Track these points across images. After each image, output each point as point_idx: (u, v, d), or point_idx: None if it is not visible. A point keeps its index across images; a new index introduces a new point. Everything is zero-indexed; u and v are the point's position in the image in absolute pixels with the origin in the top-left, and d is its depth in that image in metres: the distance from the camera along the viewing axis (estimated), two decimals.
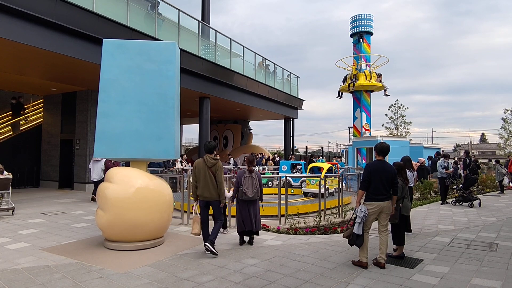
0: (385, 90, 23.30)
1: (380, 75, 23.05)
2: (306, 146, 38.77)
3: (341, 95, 24.47)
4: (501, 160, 18.88)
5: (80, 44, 9.25)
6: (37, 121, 16.33)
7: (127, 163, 6.86)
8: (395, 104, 36.17)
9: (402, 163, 6.00)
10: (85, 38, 9.28)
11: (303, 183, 11.80)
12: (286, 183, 8.72)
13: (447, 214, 9.20)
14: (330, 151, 52.81)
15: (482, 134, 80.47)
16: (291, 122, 22.85)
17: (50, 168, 15.30)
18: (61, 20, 8.59)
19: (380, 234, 5.05)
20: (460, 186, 10.97)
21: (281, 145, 25.52)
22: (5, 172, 8.80)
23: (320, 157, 30.29)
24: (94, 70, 8.67)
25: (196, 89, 13.37)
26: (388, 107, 36.51)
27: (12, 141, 15.07)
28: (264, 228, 7.11)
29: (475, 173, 13.42)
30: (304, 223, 7.42)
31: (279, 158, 20.57)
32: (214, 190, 5.54)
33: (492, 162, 19.87)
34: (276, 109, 20.02)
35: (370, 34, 23.86)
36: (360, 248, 4.93)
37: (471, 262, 5.14)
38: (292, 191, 11.81)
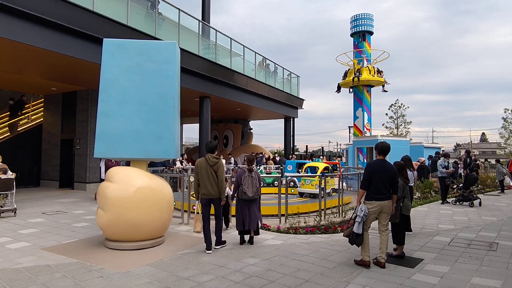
0: (383, 86, 23.29)
1: (381, 72, 23.04)
2: (307, 146, 38.85)
3: (340, 90, 24.38)
4: (502, 160, 18.89)
5: (80, 44, 9.25)
6: (38, 121, 16.36)
7: (127, 163, 6.87)
8: (396, 104, 36.14)
9: (403, 163, 6.00)
10: (85, 38, 9.29)
11: (299, 183, 11.76)
12: (287, 183, 8.73)
13: (448, 214, 9.20)
14: (331, 151, 52.86)
15: (483, 134, 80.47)
16: (292, 122, 22.85)
17: (51, 168, 15.32)
18: (61, 20, 8.59)
19: (380, 234, 5.06)
20: (461, 186, 10.97)
21: (282, 145, 25.51)
22: (9, 172, 8.69)
23: (321, 156, 30.30)
24: (94, 70, 8.67)
25: (197, 89, 13.37)
26: (389, 107, 36.49)
27: (13, 141, 15.08)
28: (264, 228, 7.12)
29: (476, 172, 13.41)
30: (304, 223, 7.42)
31: (280, 158, 20.56)
32: (216, 188, 5.69)
33: (488, 162, 19.90)
34: (277, 109, 20.02)
35: (371, 34, 23.85)
36: (362, 247, 4.94)
37: (471, 262, 5.14)
38: (293, 191, 11.80)
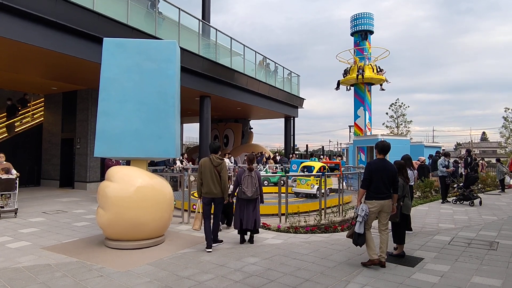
0: (381, 85, 23.24)
1: (382, 70, 22.99)
2: (307, 145, 38.84)
3: (339, 87, 24.18)
4: (502, 159, 18.84)
5: (81, 43, 9.25)
6: (38, 120, 16.36)
7: (128, 162, 6.87)
8: (396, 103, 36.15)
9: (403, 162, 5.99)
10: (86, 37, 9.28)
11: (294, 183, 11.71)
12: (287, 182, 8.73)
13: (448, 213, 9.20)
14: (331, 150, 52.85)
15: (483, 133, 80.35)
16: (292, 121, 22.84)
17: (51, 167, 15.32)
18: (62, 19, 8.59)
19: (381, 233, 5.05)
20: (461, 185, 10.97)
21: (282, 144, 25.47)
22: (14, 171, 8.49)
23: (321, 156, 30.28)
24: (95, 69, 8.67)
25: (197, 88, 13.37)
26: (389, 106, 36.50)
27: (13, 140, 15.07)
28: (265, 227, 7.12)
29: (476, 172, 13.40)
30: (305, 222, 7.42)
31: (280, 157, 20.55)
32: (219, 188, 5.83)
33: (484, 161, 19.94)
34: (277, 108, 20.01)
35: (371, 33, 23.82)
36: (367, 246, 4.89)
37: (472, 261, 5.14)
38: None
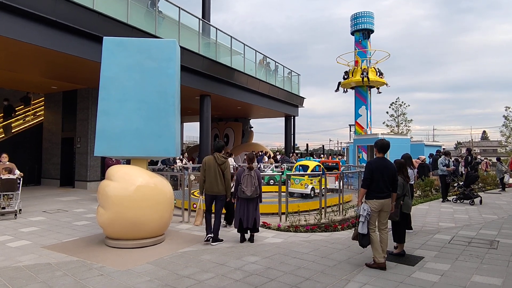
0: (378, 88, 23.10)
1: (382, 74, 22.89)
2: (307, 144, 38.88)
3: (339, 89, 23.94)
4: (502, 158, 18.83)
5: (81, 42, 9.25)
6: (38, 119, 16.37)
7: (128, 161, 6.88)
8: (396, 102, 36.07)
9: (403, 161, 5.98)
10: (86, 36, 9.28)
11: (288, 182, 11.65)
12: (287, 182, 8.73)
13: (448, 212, 9.19)
14: (331, 149, 52.84)
15: (484, 132, 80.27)
16: (292, 120, 22.84)
17: (51, 166, 15.33)
18: (62, 18, 8.58)
19: (380, 232, 5.04)
20: (461, 184, 10.97)
21: (282, 143, 25.45)
22: (17, 172, 8.40)
23: (322, 155, 30.23)
24: (95, 68, 8.67)
25: (197, 87, 13.37)
26: (389, 105, 36.41)
27: (14, 140, 15.09)
28: (265, 226, 7.13)
29: (476, 171, 13.42)
30: (305, 221, 7.42)
31: (281, 156, 20.54)
32: (222, 186, 6.00)
33: (488, 160, 19.98)
34: (277, 107, 20.01)
35: (371, 32, 23.79)
36: (373, 248, 4.78)
37: (472, 260, 5.14)
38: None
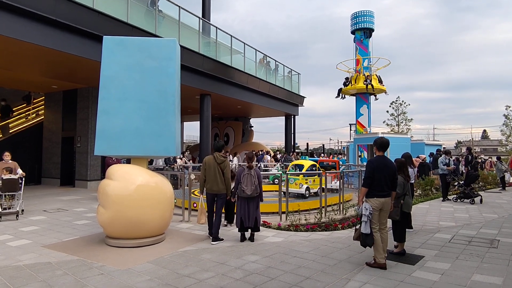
0: (375, 95, 22.82)
1: (382, 81, 22.51)
2: (307, 143, 38.84)
3: (339, 95, 23.26)
4: (503, 157, 18.81)
5: (81, 42, 9.25)
6: (39, 119, 16.37)
7: (128, 160, 6.88)
8: (396, 101, 36.03)
9: (404, 160, 5.98)
10: (86, 36, 9.28)
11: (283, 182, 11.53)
12: (287, 181, 8.72)
13: (448, 211, 9.19)
14: (331, 148, 52.83)
15: (484, 131, 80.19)
16: (292, 119, 22.82)
17: (52, 166, 15.34)
18: (62, 18, 8.58)
19: (380, 231, 5.02)
20: (462, 183, 10.96)
21: (282, 142, 25.42)
22: (19, 171, 8.35)
23: (322, 154, 30.22)
24: (95, 68, 8.66)
25: (197, 86, 13.36)
26: (390, 104, 36.37)
27: (14, 139, 15.10)
28: (265, 225, 7.13)
29: (476, 170, 13.41)
30: (305, 220, 7.42)
31: (281, 155, 20.54)
32: (222, 185, 6.08)
33: (492, 159, 19.96)
34: (277, 106, 20.00)
35: (372, 31, 23.75)
36: (375, 249, 4.75)
37: (472, 259, 5.14)
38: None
